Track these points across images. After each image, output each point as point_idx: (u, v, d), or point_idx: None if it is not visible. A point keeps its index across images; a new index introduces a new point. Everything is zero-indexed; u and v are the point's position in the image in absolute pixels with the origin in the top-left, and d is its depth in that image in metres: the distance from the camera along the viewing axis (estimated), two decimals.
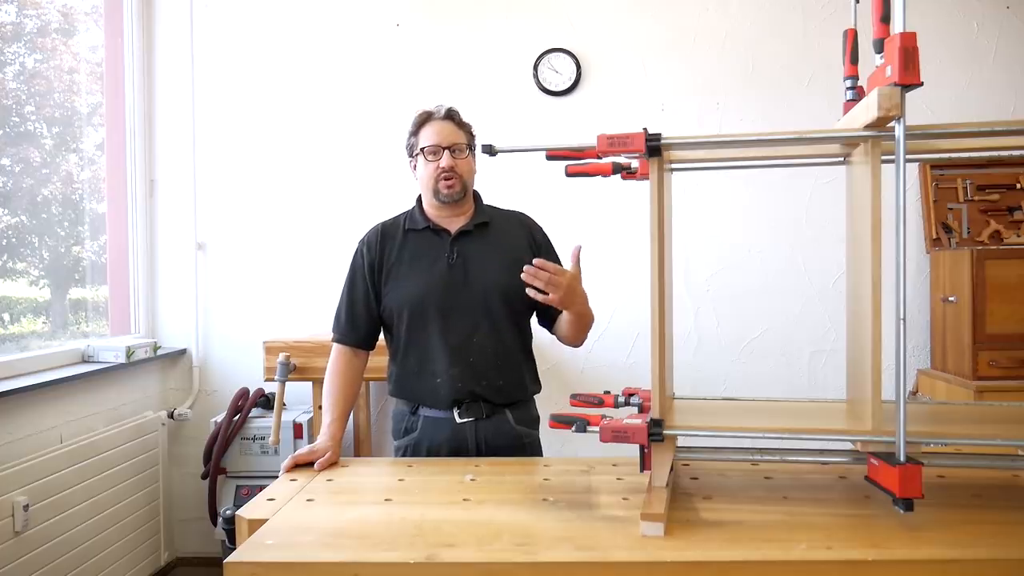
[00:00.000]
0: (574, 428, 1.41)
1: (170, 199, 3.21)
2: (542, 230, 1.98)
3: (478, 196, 1.96)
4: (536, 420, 1.94)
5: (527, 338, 1.93)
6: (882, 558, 1.12)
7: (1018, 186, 2.98)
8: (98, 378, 2.73)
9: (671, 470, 1.36)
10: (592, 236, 3.04)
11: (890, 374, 1.26)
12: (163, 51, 3.19)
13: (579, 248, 1.70)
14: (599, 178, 1.55)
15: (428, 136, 1.85)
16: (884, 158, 1.32)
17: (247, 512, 1.36)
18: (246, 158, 3.19)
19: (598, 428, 1.34)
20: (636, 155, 1.37)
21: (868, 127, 1.27)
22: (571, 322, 1.82)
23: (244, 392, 2.99)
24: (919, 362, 3.03)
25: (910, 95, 1.20)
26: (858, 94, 1.47)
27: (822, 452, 1.43)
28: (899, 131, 1.20)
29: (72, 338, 2.95)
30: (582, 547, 1.17)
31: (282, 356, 2.75)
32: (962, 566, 1.12)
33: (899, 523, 1.23)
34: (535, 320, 1.95)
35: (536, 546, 1.18)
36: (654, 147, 1.31)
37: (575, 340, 1.88)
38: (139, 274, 3.16)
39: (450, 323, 1.82)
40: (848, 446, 1.41)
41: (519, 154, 1.64)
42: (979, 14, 3.03)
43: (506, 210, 1.99)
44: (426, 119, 1.88)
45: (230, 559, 1.15)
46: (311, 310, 3.10)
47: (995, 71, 3.02)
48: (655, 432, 1.31)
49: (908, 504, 1.17)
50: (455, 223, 1.89)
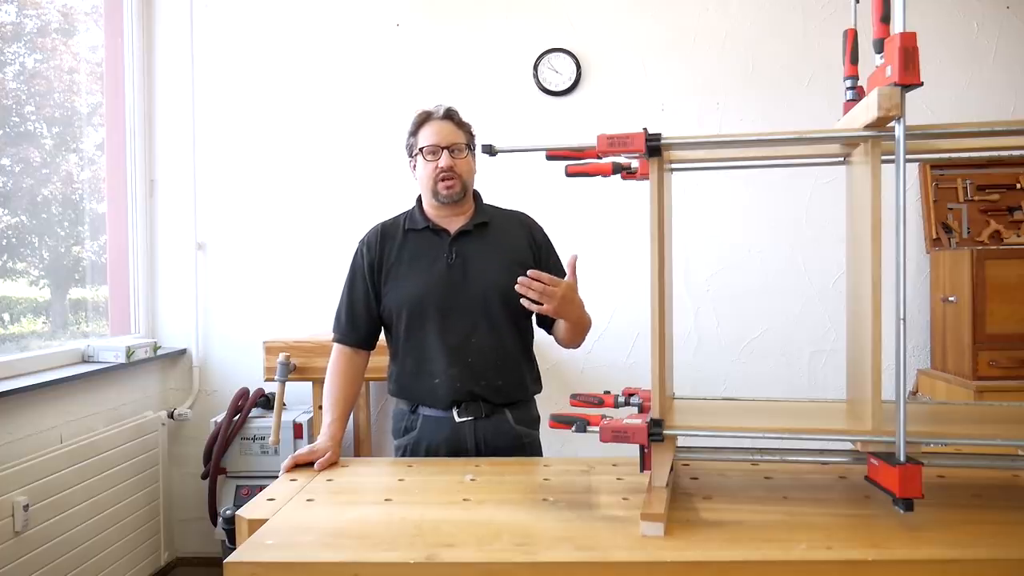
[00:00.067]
0: (574, 428, 1.41)
1: (170, 199, 3.21)
2: (542, 230, 1.97)
3: (478, 196, 1.96)
4: (536, 420, 1.94)
5: (527, 338, 1.93)
6: (882, 558, 1.12)
7: (1018, 186, 2.98)
8: (98, 378, 2.73)
9: (671, 470, 1.36)
10: (592, 236, 3.05)
11: (890, 374, 1.26)
12: (163, 51, 3.19)
13: (575, 258, 1.70)
14: (599, 178, 1.55)
15: (427, 136, 1.85)
16: (884, 158, 1.32)
17: (247, 512, 1.36)
18: (246, 158, 3.19)
19: (598, 428, 1.34)
20: (636, 155, 1.37)
21: (868, 127, 1.27)
22: (568, 328, 1.82)
23: (244, 392, 2.99)
24: (919, 362, 3.03)
25: (910, 95, 1.20)
26: (858, 94, 1.47)
27: (822, 452, 1.43)
28: (899, 131, 1.20)
29: (72, 338, 2.95)
30: (582, 547, 1.17)
31: (282, 356, 2.75)
32: (962, 566, 1.12)
33: (899, 523, 1.23)
34: (536, 321, 1.95)
35: (536, 546, 1.18)
36: (654, 147, 1.31)
37: (572, 344, 1.88)
38: (139, 274, 3.16)
39: (449, 323, 1.82)
40: (848, 446, 1.41)
41: (519, 154, 1.64)
42: (979, 14, 3.03)
43: (506, 210, 1.99)
44: (425, 119, 1.87)
45: (230, 559, 1.15)
46: (311, 310, 3.11)
47: (995, 71, 3.02)
48: (655, 432, 1.31)
49: (908, 504, 1.17)
50: (455, 223, 1.89)
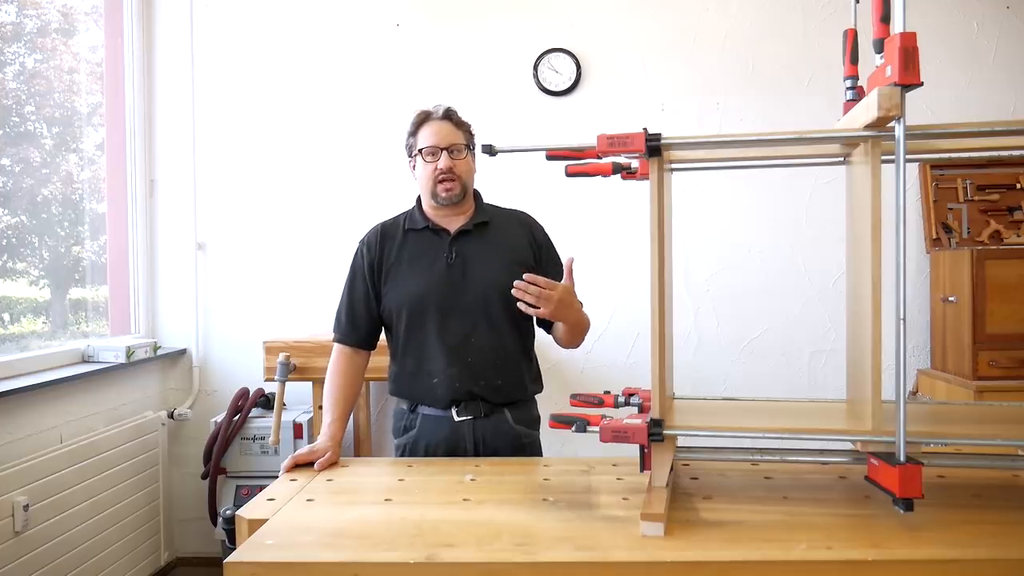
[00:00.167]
0: (574, 428, 1.41)
1: (170, 199, 3.21)
2: (543, 229, 1.97)
3: (478, 195, 1.95)
4: (536, 420, 1.93)
5: (527, 338, 1.92)
6: (882, 558, 1.12)
7: (1018, 186, 2.98)
8: (98, 378, 2.73)
9: (671, 470, 1.36)
10: (592, 236, 3.05)
11: (890, 374, 1.26)
12: (163, 51, 3.19)
13: (572, 260, 1.71)
14: (599, 178, 1.55)
15: (426, 137, 1.85)
16: (884, 158, 1.32)
17: (247, 512, 1.36)
18: (246, 158, 3.19)
19: (598, 428, 1.34)
20: (636, 155, 1.37)
21: (868, 127, 1.27)
22: (566, 330, 1.83)
23: (244, 392, 2.99)
24: (919, 362, 3.03)
25: (910, 95, 1.20)
26: (858, 94, 1.47)
27: (822, 452, 1.43)
28: (899, 131, 1.20)
29: (72, 338, 2.95)
30: (582, 547, 1.17)
31: (282, 356, 2.75)
32: (962, 566, 1.12)
33: (899, 523, 1.23)
34: (536, 321, 1.95)
35: (536, 546, 1.18)
36: (654, 147, 1.31)
37: (571, 344, 1.88)
38: (139, 274, 3.16)
39: (448, 323, 1.81)
40: (848, 446, 1.41)
41: (519, 154, 1.64)
42: (979, 14, 3.03)
43: (507, 209, 1.99)
44: (424, 119, 1.87)
45: (230, 559, 1.15)
46: (311, 310, 3.10)
47: (995, 71, 3.02)
48: (655, 432, 1.31)
49: (908, 504, 1.17)
50: (455, 223, 1.89)
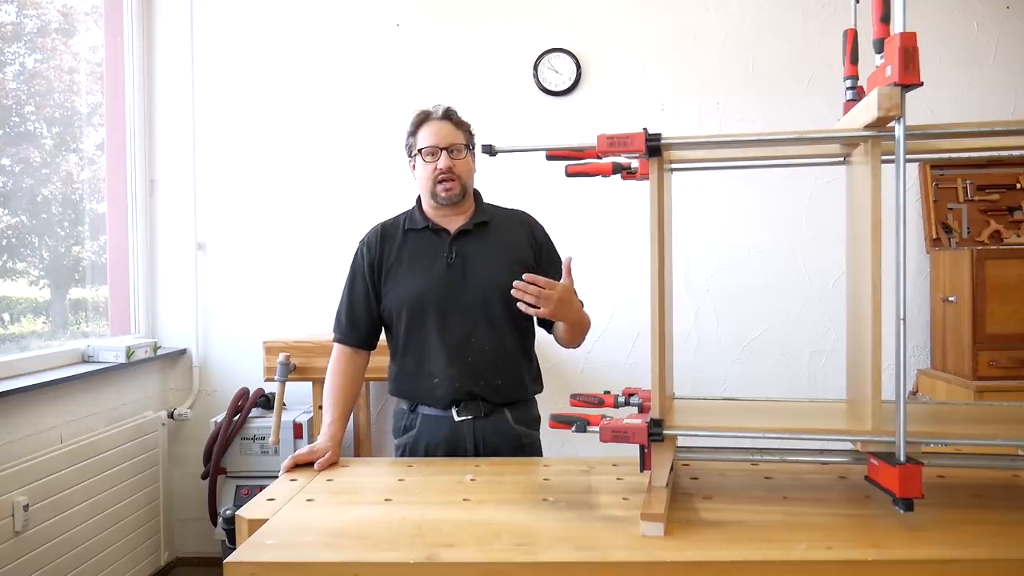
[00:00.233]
0: (574, 428, 1.41)
1: (170, 199, 3.21)
2: (543, 229, 1.97)
3: (478, 195, 1.95)
4: (537, 420, 1.93)
5: (527, 338, 1.92)
6: (882, 558, 1.12)
7: (1018, 186, 2.98)
8: (98, 378, 2.73)
9: (671, 470, 1.36)
10: (592, 236, 3.05)
11: (890, 374, 1.26)
12: (163, 51, 3.19)
13: (570, 259, 1.71)
14: (599, 178, 1.55)
15: (426, 137, 1.85)
16: (884, 158, 1.32)
17: (247, 512, 1.36)
18: (246, 158, 3.19)
19: (598, 428, 1.34)
20: (636, 155, 1.37)
21: (868, 127, 1.27)
22: (567, 329, 1.83)
23: (244, 392, 2.99)
24: (919, 362, 3.03)
25: (910, 95, 1.20)
26: (858, 94, 1.47)
27: (822, 452, 1.43)
28: (899, 131, 1.20)
29: (72, 338, 2.95)
30: (582, 547, 1.17)
31: (282, 356, 2.75)
32: (962, 566, 1.12)
33: (899, 523, 1.23)
34: (536, 321, 1.95)
35: (536, 546, 1.18)
36: (654, 147, 1.31)
37: (572, 344, 1.88)
38: (139, 274, 3.16)
39: (448, 322, 1.81)
40: (848, 446, 1.41)
41: (519, 154, 1.64)
42: (979, 14, 3.03)
43: (507, 209, 1.99)
44: (424, 119, 1.87)
45: (230, 559, 1.15)
46: (311, 310, 3.10)
47: (995, 71, 3.02)
48: (655, 432, 1.31)
49: (908, 504, 1.17)
50: (455, 222, 1.89)
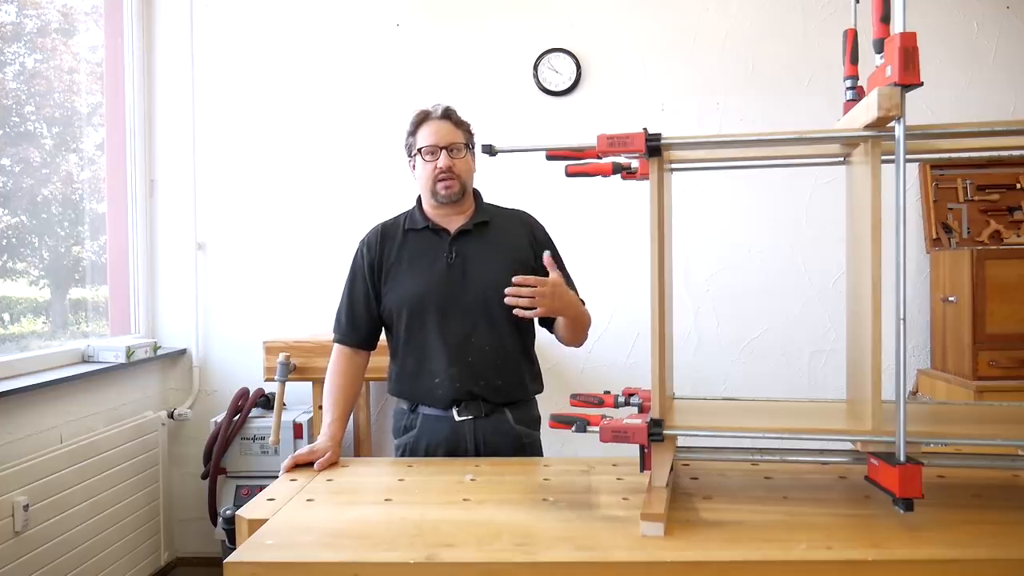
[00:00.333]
0: (574, 428, 1.41)
1: (170, 199, 3.21)
2: (543, 228, 1.97)
3: (478, 195, 1.95)
4: (537, 420, 1.93)
5: (527, 338, 1.92)
6: (882, 558, 1.12)
7: (1018, 186, 2.98)
8: (98, 378, 2.73)
9: (671, 470, 1.36)
10: (592, 236, 3.05)
11: (890, 374, 1.26)
12: (163, 51, 3.19)
13: (548, 255, 1.73)
14: (599, 178, 1.55)
15: (425, 136, 1.85)
16: (884, 158, 1.32)
17: (247, 512, 1.36)
18: (246, 158, 3.19)
19: (598, 428, 1.34)
20: (636, 155, 1.37)
21: (868, 127, 1.27)
22: (567, 324, 1.83)
23: (244, 392, 2.99)
24: (919, 362, 3.03)
25: (910, 95, 1.20)
26: (858, 94, 1.47)
27: (822, 452, 1.43)
28: (899, 131, 1.20)
29: (72, 338, 2.95)
30: (582, 547, 1.17)
31: (282, 356, 2.75)
32: (962, 566, 1.12)
33: (899, 523, 1.23)
34: (537, 321, 1.94)
35: (536, 546, 1.18)
36: (654, 147, 1.31)
37: (574, 341, 1.88)
38: (139, 274, 3.16)
39: (448, 322, 1.81)
40: (848, 446, 1.41)
41: (519, 154, 1.64)
42: (979, 14, 3.03)
43: (507, 209, 1.99)
44: (423, 119, 1.87)
45: (230, 559, 1.15)
46: (311, 310, 3.10)
47: (995, 71, 3.02)
48: (655, 432, 1.31)
49: (908, 504, 1.17)
50: (455, 222, 1.89)
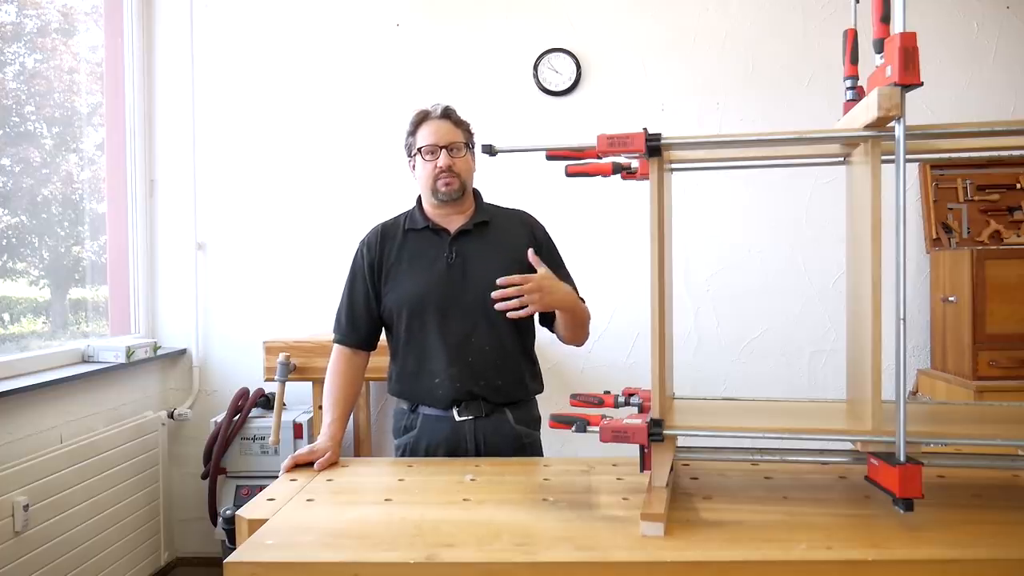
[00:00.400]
0: (574, 428, 1.41)
1: (170, 199, 3.21)
2: (543, 228, 1.97)
3: (478, 194, 1.95)
4: (537, 420, 1.93)
5: (528, 338, 1.92)
6: (882, 558, 1.12)
7: (1018, 186, 2.98)
8: (98, 378, 2.73)
9: (671, 470, 1.36)
10: (592, 236, 3.04)
11: (890, 374, 1.26)
12: (163, 51, 3.19)
13: (531, 252, 1.74)
14: (599, 178, 1.55)
15: (425, 136, 1.85)
16: (884, 158, 1.32)
17: (247, 512, 1.36)
18: (246, 158, 3.19)
19: (598, 428, 1.34)
20: (636, 155, 1.37)
21: (868, 127, 1.27)
22: (565, 320, 1.82)
23: (244, 392, 2.99)
24: (919, 362, 3.03)
25: (910, 95, 1.20)
26: (858, 94, 1.47)
27: (822, 452, 1.43)
28: (899, 131, 1.20)
29: (72, 338, 2.95)
30: (582, 547, 1.17)
31: (282, 356, 2.75)
32: (962, 566, 1.12)
33: (899, 523, 1.23)
34: (537, 320, 1.94)
35: (536, 546, 1.18)
36: (654, 147, 1.31)
37: (575, 339, 1.88)
38: (139, 274, 3.16)
39: (449, 322, 1.81)
40: (848, 446, 1.41)
41: (519, 154, 1.64)
42: (979, 14, 3.03)
43: (507, 208, 1.99)
44: (423, 118, 1.87)
45: (230, 559, 1.15)
46: (311, 310, 3.10)
47: (995, 71, 3.02)
48: (655, 432, 1.31)
49: (908, 504, 1.17)
50: (455, 222, 1.89)
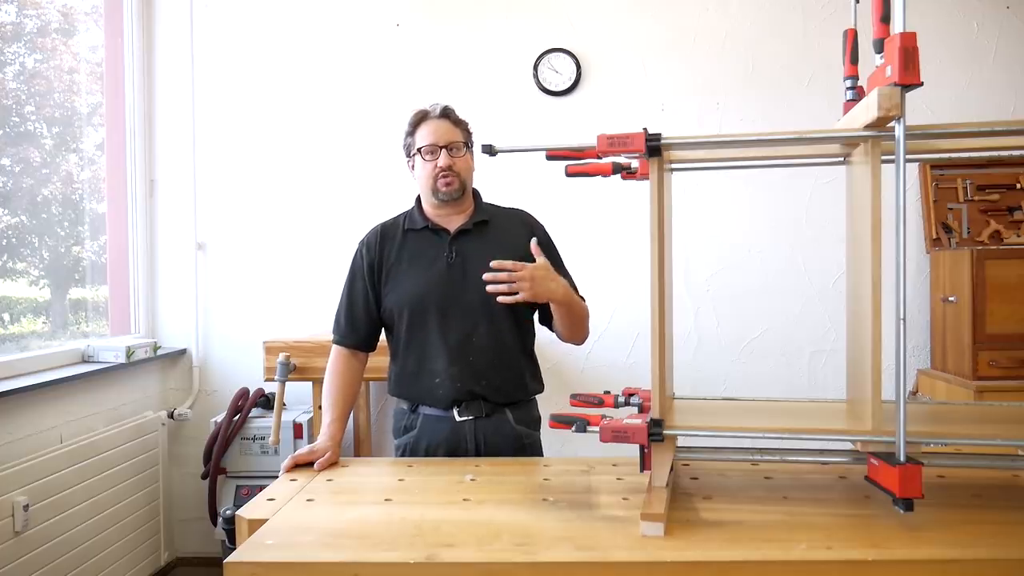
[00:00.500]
0: (574, 428, 1.41)
1: (170, 199, 3.21)
2: (543, 228, 1.97)
3: (478, 194, 1.95)
4: (537, 421, 1.93)
5: (528, 338, 1.92)
6: (882, 558, 1.12)
7: (1018, 186, 2.98)
8: (98, 378, 2.73)
9: (671, 470, 1.36)
10: (592, 236, 3.05)
11: (890, 374, 1.26)
12: (163, 51, 3.19)
13: (535, 241, 1.74)
14: (599, 178, 1.55)
15: (425, 135, 1.85)
16: (884, 158, 1.32)
17: (247, 512, 1.36)
18: (246, 158, 3.19)
19: (598, 428, 1.34)
20: (636, 155, 1.37)
21: (868, 127, 1.27)
22: (561, 315, 1.81)
23: (244, 392, 2.99)
24: (919, 362, 3.03)
25: (910, 95, 1.20)
26: (858, 94, 1.47)
27: (822, 452, 1.43)
28: (899, 131, 1.20)
29: (72, 338, 2.95)
30: (582, 547, 1.17)
31: (282, 356, 2.75)
32: (962, 566, 1.12)
33: (899, 523, 1.23)
34: (537, 319, 1.94)
35: (536, 546, 1.18)
36: (654, 147, 1.31)
37: (574, 336, 1.88)
38: (139, 274, 3.16)
39: (449, 322, 1.81)
40: (848, 446, 1.41)
41: (519, 154, 1.64)
42: (979, 14, 3.03)
43: (507, 208, 1.99)
44: (422, 118, 1.87)
45: (230, 559, 1.15)
46: (311, 310, 3.10)
47: (995, 71, 3.02)
48: (655, 432, 1.31)
49: (908, 504, 1.17)
50: (454, 222, 1.89)
